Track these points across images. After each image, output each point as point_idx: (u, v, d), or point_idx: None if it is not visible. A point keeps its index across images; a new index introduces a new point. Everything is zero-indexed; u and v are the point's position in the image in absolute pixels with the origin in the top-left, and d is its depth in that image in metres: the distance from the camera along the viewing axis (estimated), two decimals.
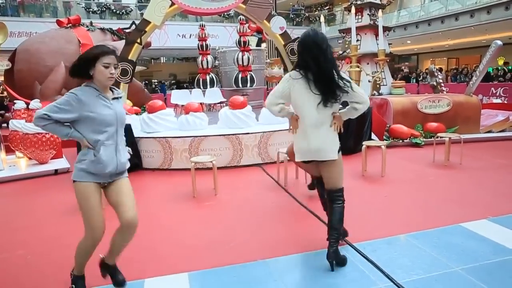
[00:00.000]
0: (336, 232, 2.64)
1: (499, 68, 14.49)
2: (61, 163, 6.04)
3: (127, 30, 11.71)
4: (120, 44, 9.28)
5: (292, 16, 22.94)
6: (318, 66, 2.46)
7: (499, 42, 6.90)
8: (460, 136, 5.50)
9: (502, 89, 10.71)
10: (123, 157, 2.37)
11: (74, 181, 2.26)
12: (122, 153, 2.36)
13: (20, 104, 6.33)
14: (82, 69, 2.26)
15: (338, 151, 2.68)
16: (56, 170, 5.80)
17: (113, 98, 2.32)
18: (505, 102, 9.94)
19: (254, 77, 10.14)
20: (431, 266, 2.59)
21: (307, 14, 24.07)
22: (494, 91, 10.85)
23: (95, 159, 2.20)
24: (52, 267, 2.83)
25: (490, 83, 11.94)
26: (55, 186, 5.19)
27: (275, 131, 5.76)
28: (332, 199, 2.72)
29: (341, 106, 2.69)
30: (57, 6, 17.54)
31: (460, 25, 16.22)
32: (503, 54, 16.67)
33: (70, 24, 11.04)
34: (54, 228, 3.62)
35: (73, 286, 2.42)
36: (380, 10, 9.38)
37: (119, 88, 8.01)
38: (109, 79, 2.22)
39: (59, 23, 11.32)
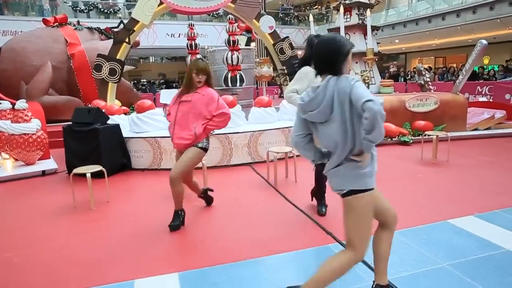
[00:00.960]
0: None
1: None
2: (48, 164, 5.95)
3: (115, 29, 11.60)
4: (108, 44, 9.20)
5: (281, 15, 22.97)
6: None
7: (484, 42, 7.00)
8: (447, 134, 5.59)
9: (488, 87, 10.88)
10: None
11: (363, 190, 1.89)
12: None
13: (5, 105, 6.23)
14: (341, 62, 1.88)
15: None
16: (43, 171, 5.71)
17: None
18: (491, 100, 10.11)
19: (244, 76, 10.11)
20: (419, 262, 2.63)
21: (296, 14, 24.13)
22: (480, 90, 11.03)
23: (374, 159, 1.92)
24: (40, 269, 2.79)
25: (476, 81, 12.12)
26: (43, 187, 5.12)
27: (264, 130, 5.78)
28: None
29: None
30: (43, 4, 17.26)
31: (447, 25, 16.46)
32: (488, 53, 16.96)
33: (57, 23, 10.89)
34: (43, 230, 3.57)
35: None
36: (368, 10, 9.44)
37: (108, 88, 7.94)
38: None
39: (45, 22, 11.16)
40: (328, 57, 1.90)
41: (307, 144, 2.02)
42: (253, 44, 13.38)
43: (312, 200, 3.84)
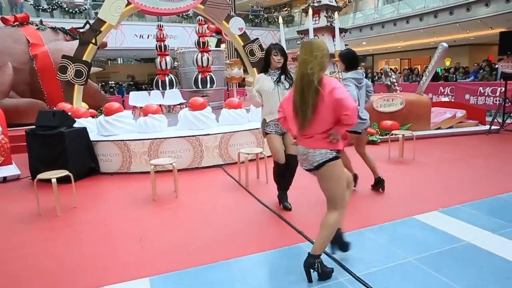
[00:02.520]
0: None
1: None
2: (10, 170, 5.69)
3: (81, 30, 11.25)
4: (73, 44, 8.92)
5: (251, 17, 23.07)
6: None
7: (445, 45, 7.31)
8: (413, 133, 5.79)
9: (449, 88, 11.37)
10: None
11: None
12: None
13: None
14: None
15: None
16: (4, 178, 5.46)
17: None
18: (452, 100, 10.55)
19: (214, 78, 10.09)
20: (387, 258, 2.71)
21: (266, 15, 24.31)
22: (443, 90, 11.50)
23: None
24: (4, 279, 2.67)
25: (439, 82, 12.63)
26: (4, 194, 4.89)
27: (235, 131, 5.78)
28: None
29: None
30: (1, 2, 16.45)
31: (411, 28, 17.11)
32: (449, 55, 17.73)
33: (17, 22, 10.43)
34: (5, 239, 3.42)
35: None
36: (336, 12, 9.65)
37: (74, 90, 7.68)
38: None
39: (4, 20, 10.64)
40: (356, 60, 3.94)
41: None
42: (223, 46, 13.36)
43: (280, 205, 3.86)
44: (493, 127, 7.61)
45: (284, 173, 3.77)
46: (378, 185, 4.25)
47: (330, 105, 2.25)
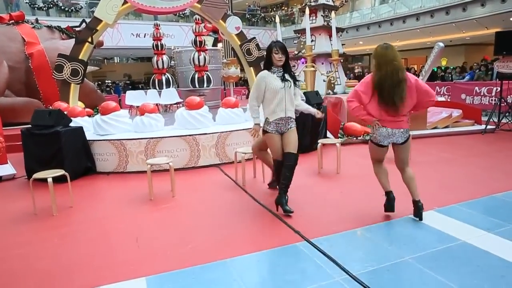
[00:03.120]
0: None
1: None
2: (6, 169, 5.65)
3: (77, 29, 11.20)
4: (69, 43, 8.88)
5: (248, 16, 23.06)
6: None
7: (441, 44, 7.34)
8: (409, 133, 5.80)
9: (446, 88, 11.41)
10: None
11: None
12: None
13: None
14: None
15: None
16: (0, 177, 5.43)
17: None
18: (448, 100, 10.59)
19: (211, 77, 10.08)
20: (383, 257, 2.72)
21: (263, 15, 24.30)
22: (439, 90, 11.53)
23: None
24: (0, 279, 2.66)
25: (435, 82, 12.67)
26: (0, 194, 4.87)
27: (232, 131, 5.77)
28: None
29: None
30: None
31: (407, 28, 17.17)
32: (445, 55, 17.80)
33: (13, 21, 10.37)
34: (1, 238, 3.40)
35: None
36: (333, 12, 9.67)
37: (70, 89, 7.65)
38: None
39: None
40: None
41: None
42: (220, 45, 13.36)
43: (277, 211, 3.67)
44: (488, 126, 7.65)
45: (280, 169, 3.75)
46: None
47: (414, 93, 3.08)
